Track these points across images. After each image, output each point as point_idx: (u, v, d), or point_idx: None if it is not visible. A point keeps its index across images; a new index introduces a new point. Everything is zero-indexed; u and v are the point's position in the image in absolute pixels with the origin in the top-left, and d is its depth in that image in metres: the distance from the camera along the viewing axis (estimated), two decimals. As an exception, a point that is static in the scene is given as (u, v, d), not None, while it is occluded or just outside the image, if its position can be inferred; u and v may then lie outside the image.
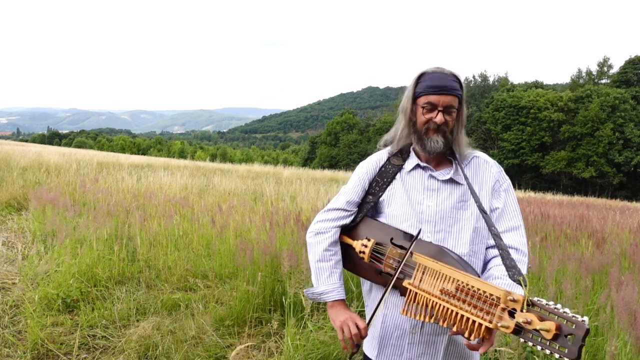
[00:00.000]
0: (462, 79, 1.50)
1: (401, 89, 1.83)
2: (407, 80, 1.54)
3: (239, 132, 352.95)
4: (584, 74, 56.71)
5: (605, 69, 54.96)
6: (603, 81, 54.70)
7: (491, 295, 1.18)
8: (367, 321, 1.51)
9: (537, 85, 58.39)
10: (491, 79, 61.54)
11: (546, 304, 1.10)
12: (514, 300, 1.14)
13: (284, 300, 3.44)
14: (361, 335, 1.49)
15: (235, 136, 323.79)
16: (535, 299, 1.12)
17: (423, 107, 1.48)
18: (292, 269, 3.43)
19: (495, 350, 2.56)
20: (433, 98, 1.45)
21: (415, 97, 1.50)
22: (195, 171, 16.14)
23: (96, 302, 3.74)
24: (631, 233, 6.66)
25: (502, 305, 1.16)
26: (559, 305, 1.09)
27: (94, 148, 77.45)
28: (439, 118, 1.45)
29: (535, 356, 2.54)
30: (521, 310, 1.12)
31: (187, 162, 25.77)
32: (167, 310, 3.74)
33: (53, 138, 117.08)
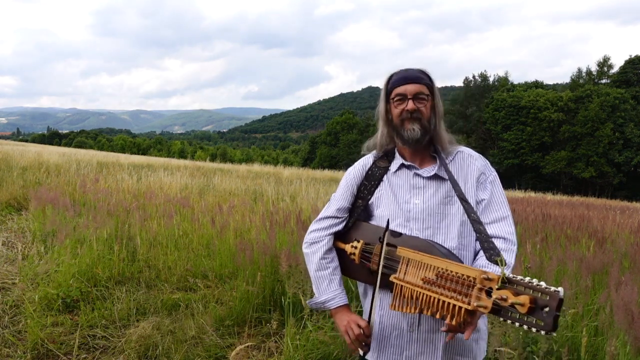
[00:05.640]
0: (431, 74, 1.55)
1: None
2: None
3: (239, 132, 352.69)
4: (584, 74, 56.67)
5: (605, 69, 54.93)
6: (603, 81, 54.67)
7: (468, 276, 1.19)
8: (367, 320, 1.55)
9: (537, 85, 58.35)
10: (491, 79, 61.49)
11: (521, 279, 1.10)
12: (489, 279, 1.15)
13: (283, 301, 3.44)
14: (365, 334, 1.52)
15: (235, 136, 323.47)
16: (511, 275, 1.12)
17: (395, 101, 1.54)
18: (291, 269, 3.43)
19: (495, 350, 2.56)
20: (401, 89, 1.52)
21: (387, 96, 1.57)
22: (195, 171, 16.11)
23: (96, 302, 3.75)
24: (631, 233, 6.66)
25: (478, 286, 1.17)
26: (534, 280, 1.09)
27: (94, 148, 77.39)
28: (410, 105, 1.51)
29: (535, 356, 2.54)
30: (497, 289, 1.13)
31: (187, 162, 25.75)
32: (167, 310, 3.74)
33: (53, 138, 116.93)
